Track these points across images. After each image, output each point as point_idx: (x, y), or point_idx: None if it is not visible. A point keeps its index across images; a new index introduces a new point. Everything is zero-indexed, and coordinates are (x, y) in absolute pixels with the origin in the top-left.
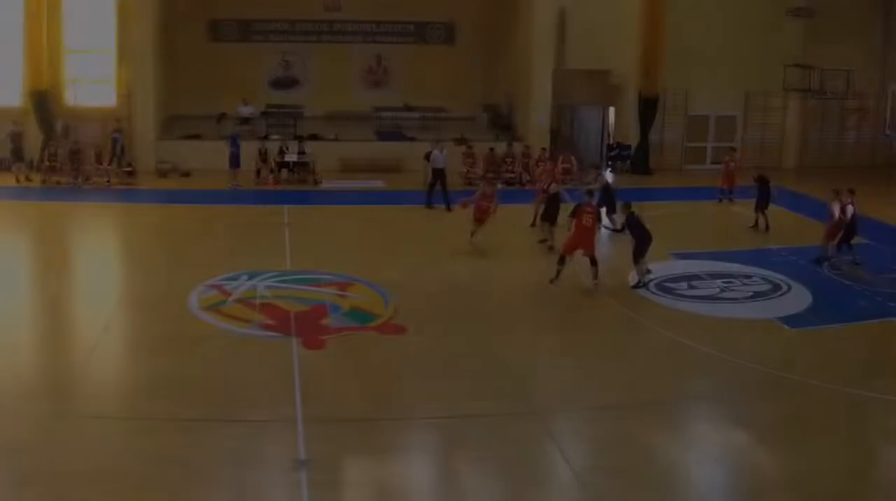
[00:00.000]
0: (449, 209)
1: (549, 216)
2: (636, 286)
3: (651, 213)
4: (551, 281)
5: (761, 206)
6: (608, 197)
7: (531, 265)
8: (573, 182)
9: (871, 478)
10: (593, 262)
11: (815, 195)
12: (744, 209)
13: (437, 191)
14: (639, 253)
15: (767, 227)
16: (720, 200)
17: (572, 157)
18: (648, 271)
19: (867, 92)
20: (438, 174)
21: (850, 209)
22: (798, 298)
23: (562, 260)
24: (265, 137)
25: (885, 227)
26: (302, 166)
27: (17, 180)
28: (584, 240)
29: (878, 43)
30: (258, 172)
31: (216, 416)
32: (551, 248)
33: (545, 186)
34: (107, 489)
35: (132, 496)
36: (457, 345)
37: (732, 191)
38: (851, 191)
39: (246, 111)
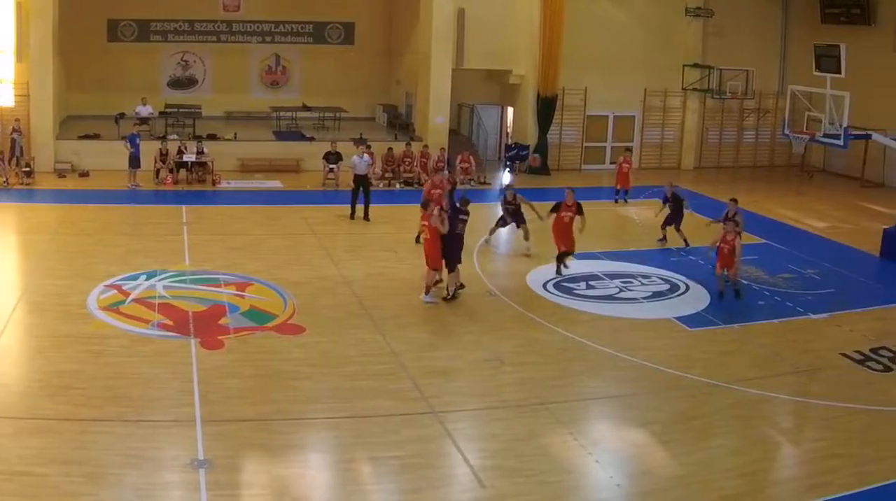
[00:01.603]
0: (367, 218)
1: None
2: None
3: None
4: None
5: (674, 223)
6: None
7: None
8: (472, 182)
9: (766, 478)
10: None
11: (714, 196)
12: (642, 210)
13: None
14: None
15: (686, 243)
16: (616, 201)
17: (471, 157)
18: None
19: (766, 92)
20: (360, 181)
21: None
22: (696, 298)
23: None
24: (164, 137)
25: (783, 227)
26: (200, 166)
27: None
28: (562, 236)
29: (777, 43)
30: (157, 172)
31: (114, 416)
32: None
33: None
34: (2, 489)
35: (28, 496)
36: (355, 345)
37: (627, 191)
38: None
39: (144, 111)
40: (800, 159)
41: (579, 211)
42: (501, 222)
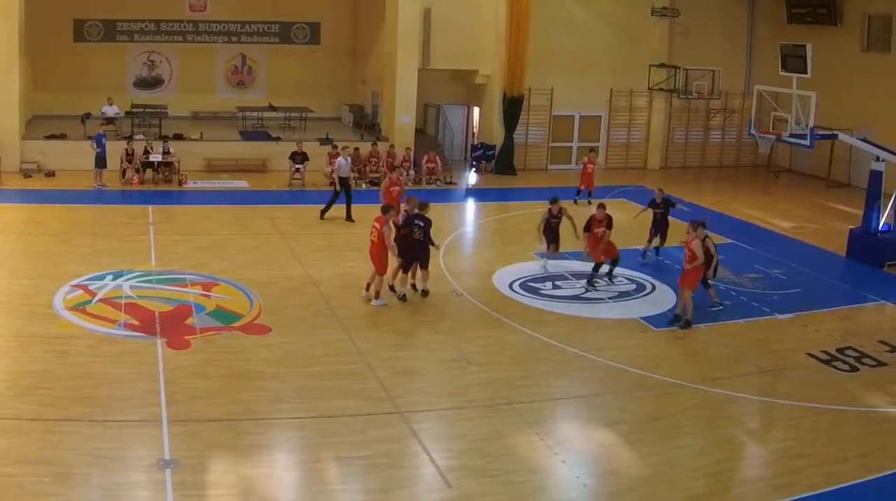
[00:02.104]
0: (350, 219)
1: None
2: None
3: (515, 213)
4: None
5: (659, 233)
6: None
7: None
8: (438, 182)
9: (732, 478)
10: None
11: (681, 196)
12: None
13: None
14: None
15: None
16: (576, 201)
17: (437, 157)
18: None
19: (733, 92)
20: (344, 183)
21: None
22: (662, 298)
23: (597, 268)
24: (130, 137)
25: (749, 227)
26: (167, 166)
27: None
28: (603, 249)
29: (744, 43)
30: (123, 172)
31: (80, 416)
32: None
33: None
34: None
35: None
36: (321, 345)
37: (591, 192)
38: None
39: (111, 111)
40: (766, 159)
41: (609, 225)
42: (552, 240)
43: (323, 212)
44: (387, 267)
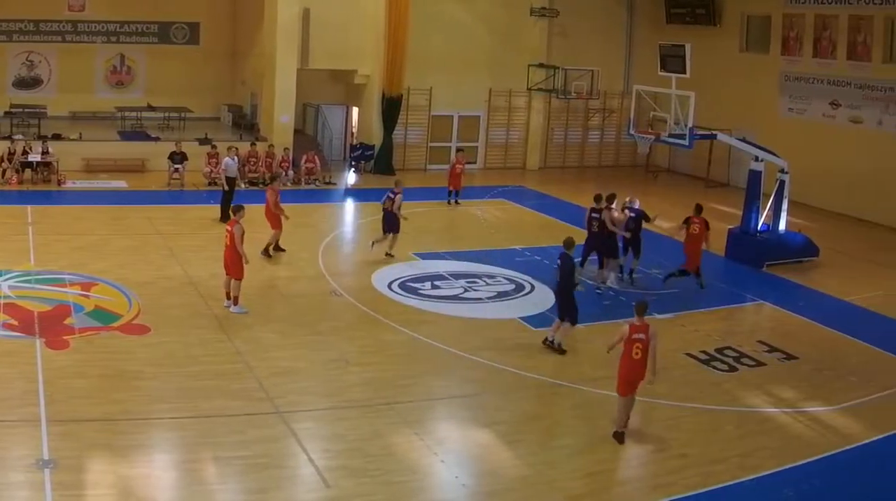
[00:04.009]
0: (223, 220)
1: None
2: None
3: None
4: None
5: (632, 246)
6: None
7: (275, 265)
8: (316, 182)
9: (612, 478)
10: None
11: (559, 196)
12: (487, 210)
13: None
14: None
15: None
16: (448, 202)
17: (316, 157)
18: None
19: (611, 92)
20: (231, 183)
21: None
22: (541, 298)
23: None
24: (9, 137)
25: None
26: (45, 166)
27: None
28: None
29: (623, 43)
30: (3, 172)
31: None
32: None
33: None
34: None
35: None
36: (200, 345)
37: (458, 192)
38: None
39: None
40: (645, 159)
41: (705, 226)
42: (634, 245)
43: (223, 213)
44: (242, 271)
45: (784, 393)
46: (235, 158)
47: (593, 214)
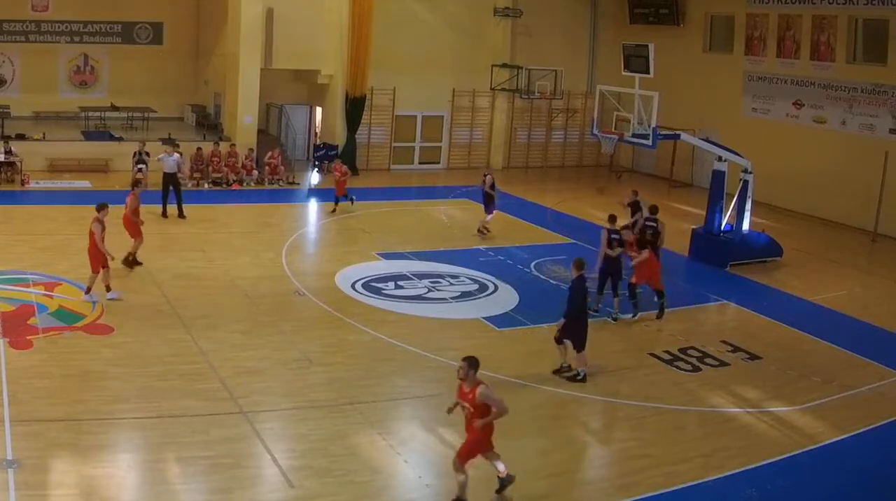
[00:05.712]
0: (182, 215)
1: None
2: None
3: (357, 213)
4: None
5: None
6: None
7: (241, 265)
8: (280, 181)
9: (575, 479)
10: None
11: (524, 196)
12: (451, 210)
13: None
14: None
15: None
16: (334, 211)
17: (279, 156)
18: None
19: (575, 92)
20: (169, 179)
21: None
22: (505, 298)
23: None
24: None
25: (591, 227)
26: (9, 166)
27: None
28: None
29: (586, 43)
30: None
31: None
32: None
33: None
34: None
35: None
36: (164, 345)
37: (338, 198)
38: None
39: None
40: (609, 159)
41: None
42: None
43: (179, 210)
44: (99, 265)
45: (748, 392)
46: (175, 155)
47: (612, 235)
